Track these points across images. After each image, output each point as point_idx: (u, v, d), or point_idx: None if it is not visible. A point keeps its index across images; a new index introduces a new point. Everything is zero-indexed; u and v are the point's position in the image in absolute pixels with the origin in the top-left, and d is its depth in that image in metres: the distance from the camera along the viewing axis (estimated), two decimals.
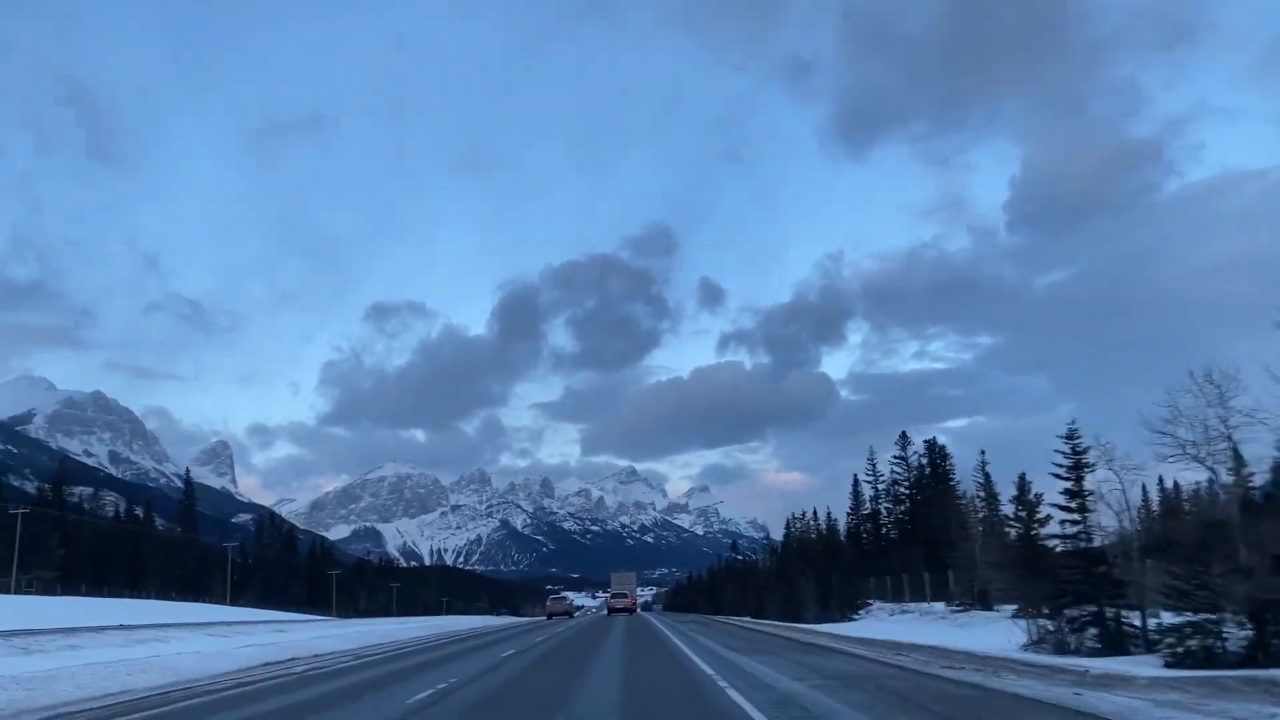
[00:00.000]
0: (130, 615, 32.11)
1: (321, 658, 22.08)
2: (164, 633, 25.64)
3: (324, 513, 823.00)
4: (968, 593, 26.31)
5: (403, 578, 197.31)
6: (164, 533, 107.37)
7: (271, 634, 27.97)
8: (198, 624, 29.16)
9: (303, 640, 25.26)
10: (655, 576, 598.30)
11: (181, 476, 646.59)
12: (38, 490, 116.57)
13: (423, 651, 24.06)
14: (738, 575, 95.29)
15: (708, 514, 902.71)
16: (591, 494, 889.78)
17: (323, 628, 35.77)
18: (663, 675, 15.22)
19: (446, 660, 20.93)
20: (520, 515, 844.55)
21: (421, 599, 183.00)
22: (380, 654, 23.85)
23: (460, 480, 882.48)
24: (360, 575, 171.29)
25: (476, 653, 22.84)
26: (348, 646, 26.42)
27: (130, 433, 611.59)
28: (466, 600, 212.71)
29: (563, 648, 24.53)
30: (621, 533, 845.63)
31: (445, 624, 50.44)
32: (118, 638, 24.33)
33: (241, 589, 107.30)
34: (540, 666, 18.53)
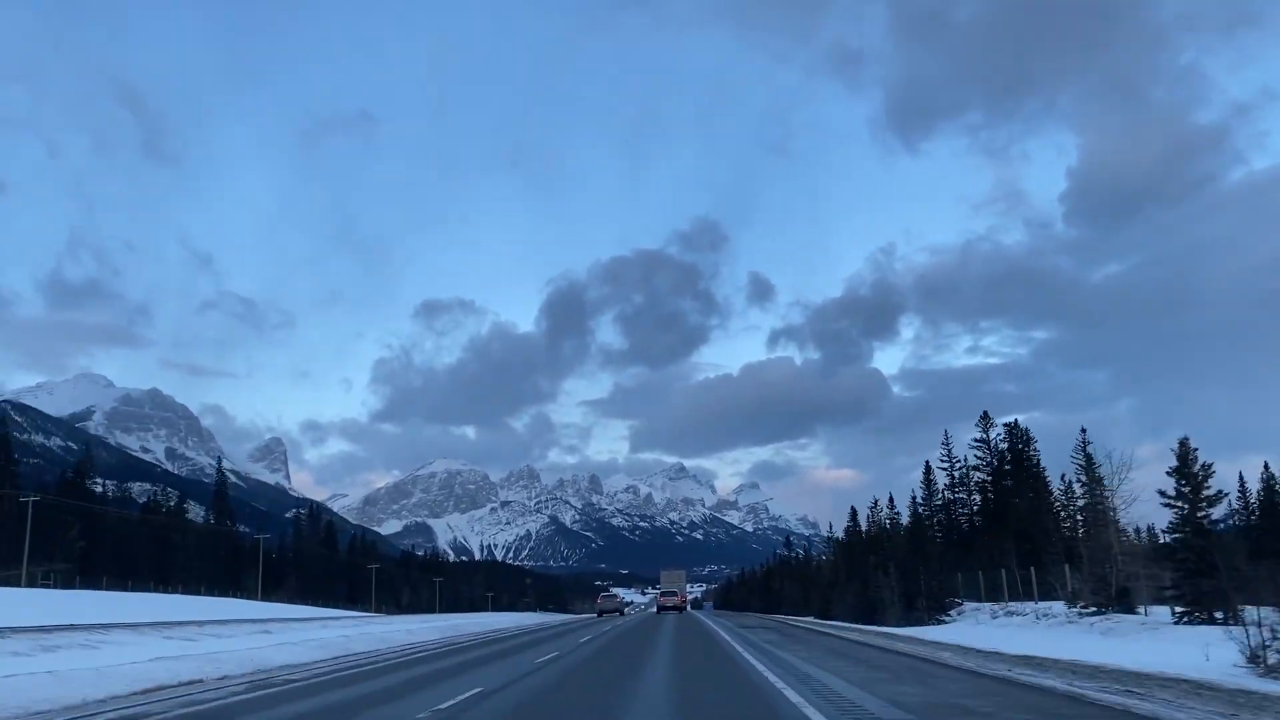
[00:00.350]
0: (116, 611, 28.30)
1: (320, 665, 17.90)
2: (138, 633, 21.79)
3: (376, 508, 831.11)
4: (1099, 590, 21.30)
5: (447, 573, 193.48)
6: (196, 525, 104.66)
7: (258, 636, 23.87)
8: (176, 623, 25.16)
9: (293, 644, 21.11)
10: (704, 574, 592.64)
11: (237, 472, 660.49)
12: (61, 479, 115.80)
13: (446, 655, 19.99)
14: (796, 572, 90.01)
15: (757, 511, 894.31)
16: (640, 490, 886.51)
17: (341, 627, 31.76)
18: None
19: (470, 666, 17.45)
20: (569, 511, 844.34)
21: (467, 595, 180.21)
22: (396, 659, 19.74)
23: (509, 476, 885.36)
24: (404, 570, 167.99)
25: (506, 658, 18.64)
26: (368, 648, 22.44)
27: (186, 429, 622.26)
28: (513, 596, 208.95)
29: (608, 651, 20.29)
30: (670, 529, 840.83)
31: (484, 621, 46.49)
32: (81, 637, 20.57)
33: (279, 583, 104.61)
34: (581, 672, 15.65)
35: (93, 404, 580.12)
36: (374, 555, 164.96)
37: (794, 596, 72.51)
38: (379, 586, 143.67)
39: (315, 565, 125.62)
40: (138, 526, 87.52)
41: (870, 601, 35.26)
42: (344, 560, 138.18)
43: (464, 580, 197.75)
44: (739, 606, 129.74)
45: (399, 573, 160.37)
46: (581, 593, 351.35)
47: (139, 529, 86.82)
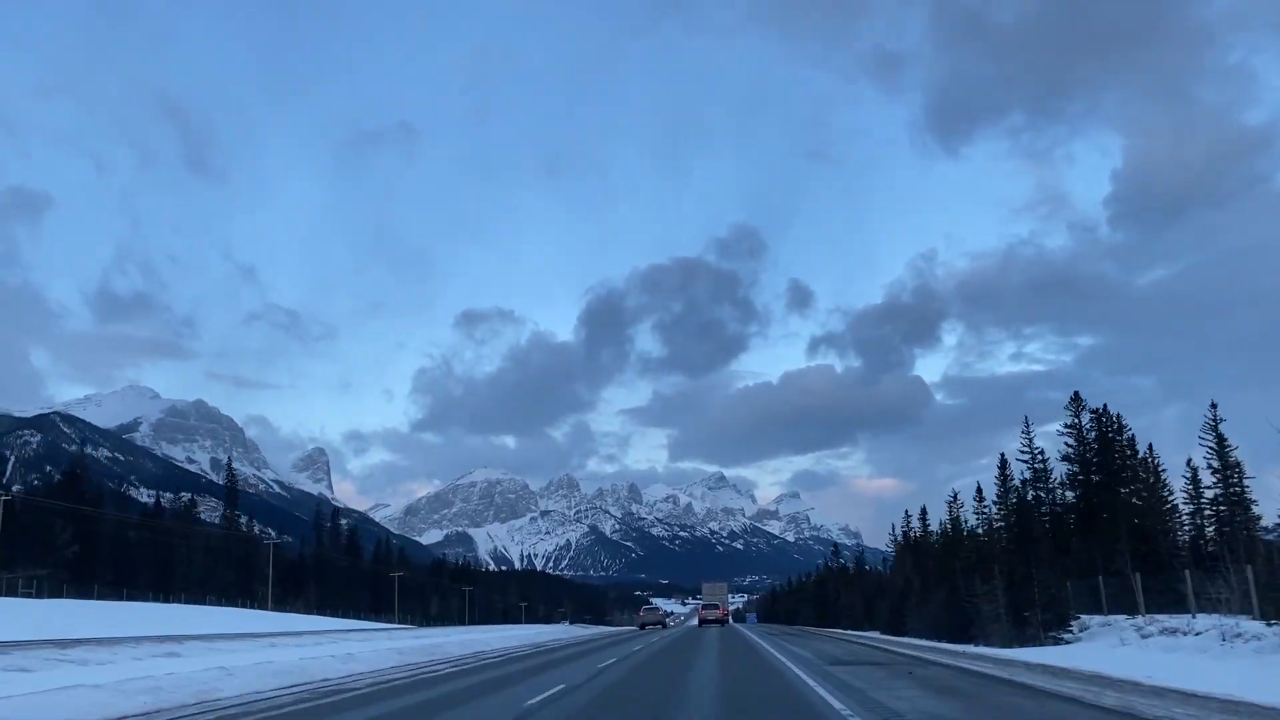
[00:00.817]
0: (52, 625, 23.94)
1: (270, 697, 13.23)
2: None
3: (417, 518, 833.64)
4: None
5: (480, 582, 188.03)
6: (206, 529, 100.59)
7: (167, 660, 19.27)
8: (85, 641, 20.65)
9: (242, 670, 16.50)
10: (745, 584, 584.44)
11: (280, 482, 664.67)
12: (43, 479, 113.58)
13: (412, 688, 15.36)
14: (855, 579, 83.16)
15: (798, 520, 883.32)
16: (680, 500, 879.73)
17: (318, 645, 27.08)
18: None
19: (453, 703, 12.58)
20: (609, 521, 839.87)
21: (500, 605, 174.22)
22: (365, 686, 15.05)
23: (549, 486, 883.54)
24: (435, 579, 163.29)
25: (483, 697, 13.91)
26: (327, 675, 17.81)
27: (231, 440, 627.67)
28: (549, 606, 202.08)
29: (630, 684, 15.53)
30: (711, 539, 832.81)
31: (501, 637, 41.70)
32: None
33: (298, 592, 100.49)
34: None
35: (140, 415, 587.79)
36: (401, 562, 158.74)
37: (852, 607, 65.93)
38: (408, 596, 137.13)
39: (336, 573, 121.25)
40: (140, 531, 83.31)
41: (963, 615, 29.41)
42: (368, 568, 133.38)
43: (498, 590, 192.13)
44: (786, 618, 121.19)
45: (429, 581, 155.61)
46: (621, 603, 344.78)
47: (142, 533, 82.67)
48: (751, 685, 15.18)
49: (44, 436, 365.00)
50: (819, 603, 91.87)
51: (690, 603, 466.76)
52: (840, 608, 73.01)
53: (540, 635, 48.02)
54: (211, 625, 34.25)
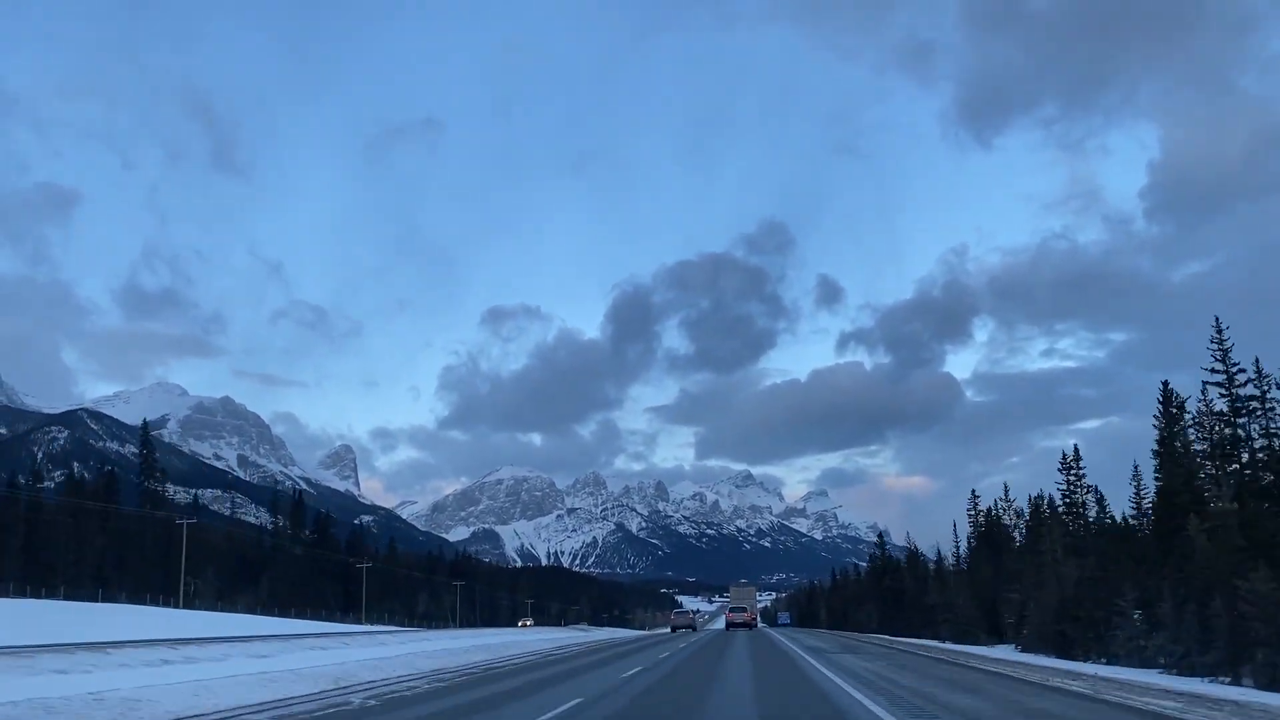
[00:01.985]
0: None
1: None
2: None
3: (444, 515, 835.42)
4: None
5: (483, 578, 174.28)
6: (122, 512, 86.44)
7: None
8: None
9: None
10: (773, 582, 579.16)
11: (308, 479, 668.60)
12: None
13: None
14: (926, 579, 71.03)
15: (826, 519, 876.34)
16: (706, 498, 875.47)
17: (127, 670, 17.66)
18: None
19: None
20: (635, 519, 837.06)
21: (507, 604, 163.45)
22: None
23: (575, 483, 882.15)
24: (427, 574, 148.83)
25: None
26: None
27: (258, 437, 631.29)
28: (566, 604, 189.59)
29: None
30: (738, 537, 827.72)
31: (480, 644, 35.80)
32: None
33: (253, 585, 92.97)
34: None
35: (167, 412, 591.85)
36: (388, 553, 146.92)
37: (952, 607, 52.85)
38: (395, 592, 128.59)
39: (296, 565, 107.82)
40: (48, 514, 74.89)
41: (1102, 627, 22.05)
42: (340, 559, 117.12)
43: (505, 586, 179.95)
44: (832, 622, 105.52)
45: (419, 576, 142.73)
46: (646, 601, 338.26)
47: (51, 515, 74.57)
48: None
49: (71, 433, 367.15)
50: (881, 603, 79.84)
51: (717, 600, 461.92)
52: (916, 610, 61.83)
53: (529, 643, 39.15)
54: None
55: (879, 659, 26.92)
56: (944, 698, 15.31)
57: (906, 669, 22.53)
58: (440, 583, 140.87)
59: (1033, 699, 15.32)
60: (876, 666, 23.05)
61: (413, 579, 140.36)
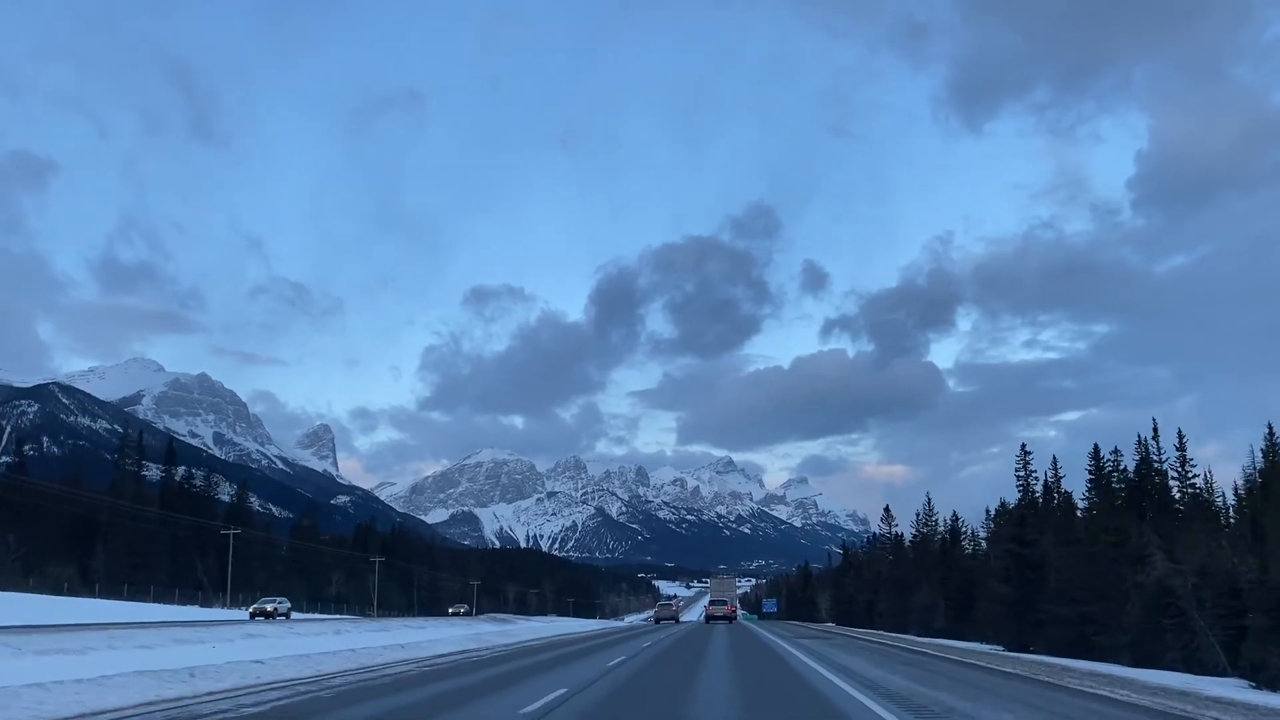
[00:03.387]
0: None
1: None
2: None
3: (423, 496, 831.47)
4: None
5: (419, 556, 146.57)
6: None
7: None
8: None
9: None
10: (752, 568, 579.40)
11: (284, 458, 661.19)
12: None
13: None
14: (955, 564, 59.01)
15: (806, 506, 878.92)
16: (687, 483, 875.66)
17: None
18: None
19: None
20: (615, 503, 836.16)
21: (450, 588, 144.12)
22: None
23: (556, 467, 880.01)
24: (339, 549, 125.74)
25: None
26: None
27: (234, 415, 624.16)
28: (524, 587, 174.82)
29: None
30: (718, 523, 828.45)
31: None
32: None
33: (84, 554, 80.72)
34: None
35: (143, 388, 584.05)
36: (297, 524, 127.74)
37: (927, 603, 48.13)
38: (307, 571, 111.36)
39: (145, 531, 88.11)
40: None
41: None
42: (215, 528, 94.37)
43: (459, 569, 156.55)
44: (841, 613, 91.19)
45: (331, 552, 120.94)
46: (620, 585, 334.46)
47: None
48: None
49: (42, 407, 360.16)
50: (895, 594, 67.12)
51: (695, 585, 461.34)
52: (912, 604, 54.62)
53: (373, 651, 24.38)
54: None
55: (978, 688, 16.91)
56: None
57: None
58: (358, 560, 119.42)
59: None
60: None
61: (324, 555, 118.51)
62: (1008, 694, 16.14)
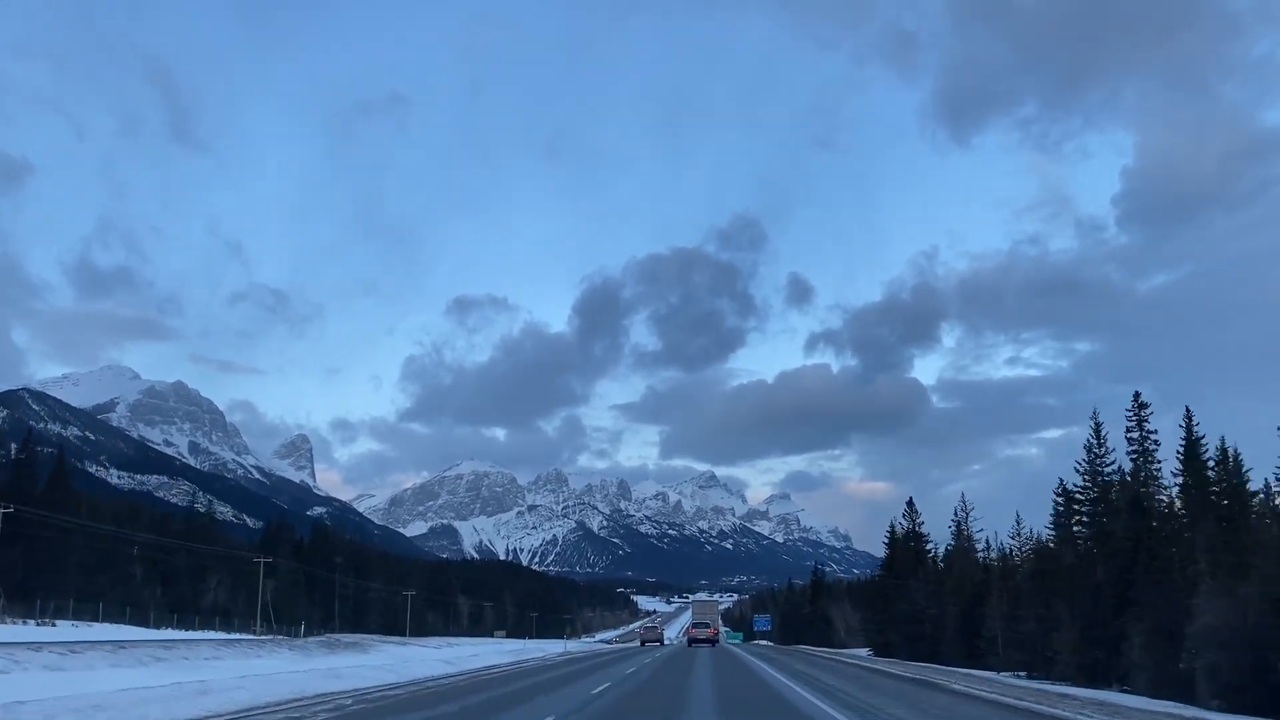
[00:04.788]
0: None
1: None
2: None
3: (402, 509, 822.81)
4: None
5: (346, 563, 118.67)
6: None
7: None
8: None
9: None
10: (734, 583, 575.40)
11: (261, 468, 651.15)
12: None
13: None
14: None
15: (788, 522, 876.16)
16: (669, 498, 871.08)
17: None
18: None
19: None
20: (597, 517, 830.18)
21: (379, 602, 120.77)
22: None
23: (537, 480, 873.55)
24: (270, 550, 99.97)
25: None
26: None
27: (210, 424, 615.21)
28: (480, 601, 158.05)
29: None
30: (700, 538, 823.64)
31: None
32: None
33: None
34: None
35: (117, 396, 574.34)
36: (171, 525, 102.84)
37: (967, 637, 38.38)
38: (175, 573, 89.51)
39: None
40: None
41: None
42: (107, 534, 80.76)
43: (395, 579, 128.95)
44: (887, 642, 65.81)
45: (216, 554, 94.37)
46: (598, 601, 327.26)
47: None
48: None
49: (10, 413, 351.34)
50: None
51: (676, 601, 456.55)
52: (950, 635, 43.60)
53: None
54: None
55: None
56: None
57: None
58: (247, 567, 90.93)
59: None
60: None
61: (205, 556, 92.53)
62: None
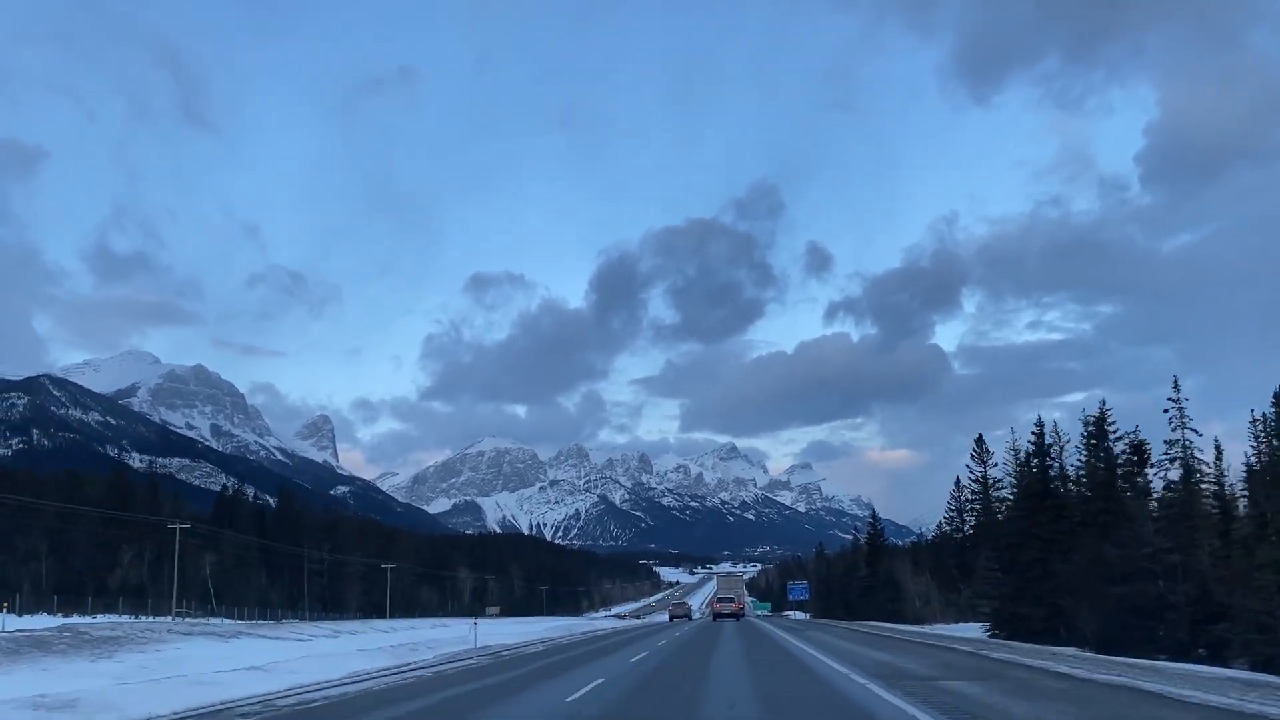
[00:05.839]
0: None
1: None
2: None
3: (425, 486, 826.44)
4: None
5: (310, 534, 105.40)
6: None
7: None
8: None
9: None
10: (757, 554, 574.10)
11: (283, 449, 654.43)
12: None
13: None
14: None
15: (810, 491, 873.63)
16: (690, 470, 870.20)
17: None
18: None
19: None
20: (619, 491, 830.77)
21: (357, 579, 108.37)
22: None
23: (558, 455, 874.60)
24: (228, 522, 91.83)
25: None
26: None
27: (232, 406, 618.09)
28: (490, 572, 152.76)
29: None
30: (722, 509, 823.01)
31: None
32: None
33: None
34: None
35: (138, 380, 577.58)
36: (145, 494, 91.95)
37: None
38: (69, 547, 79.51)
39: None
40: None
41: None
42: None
43: (379, 551, 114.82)
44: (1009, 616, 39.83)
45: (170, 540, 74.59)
46: (618, 573, 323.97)
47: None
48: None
49: (31, 399, 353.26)
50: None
51: (699, 572, 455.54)
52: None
53: None
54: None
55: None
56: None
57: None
58: (176, 532, 71.00)
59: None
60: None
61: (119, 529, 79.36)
62: None
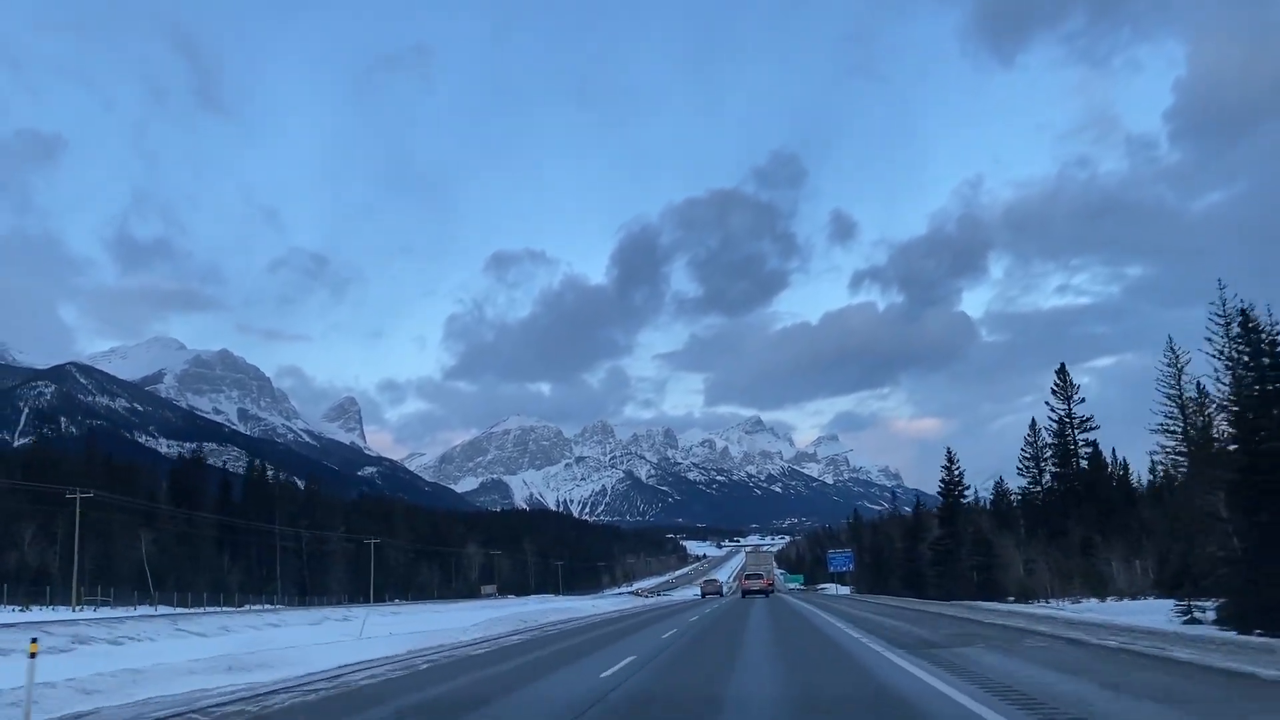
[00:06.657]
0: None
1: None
2: None
3: (452, 466, 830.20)
4: None
5: (284, 503, 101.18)
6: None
7: None
8: None
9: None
10: (785, 526, 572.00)
11: (310, 431, 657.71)
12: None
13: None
14: None
15: (837, 463, 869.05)
16: (716, 444, 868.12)
17: None
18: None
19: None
20: (645, 466, 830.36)
21: (342, 557, 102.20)
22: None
23: (583, 432, 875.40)
24: (186, 499, 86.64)
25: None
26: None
27: (258, 390, 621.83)
28: (500, 548, 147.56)
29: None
30: (748, 482, 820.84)
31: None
32: None
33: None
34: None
35: (164, 367, 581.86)
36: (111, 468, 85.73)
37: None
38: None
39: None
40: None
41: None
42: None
43: (360, 529, 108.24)
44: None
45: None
46: (643, 547, 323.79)
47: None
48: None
49: (59, 387, 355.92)
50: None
51: (726, 545, 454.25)
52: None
53: None
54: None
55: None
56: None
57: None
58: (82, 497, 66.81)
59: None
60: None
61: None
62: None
